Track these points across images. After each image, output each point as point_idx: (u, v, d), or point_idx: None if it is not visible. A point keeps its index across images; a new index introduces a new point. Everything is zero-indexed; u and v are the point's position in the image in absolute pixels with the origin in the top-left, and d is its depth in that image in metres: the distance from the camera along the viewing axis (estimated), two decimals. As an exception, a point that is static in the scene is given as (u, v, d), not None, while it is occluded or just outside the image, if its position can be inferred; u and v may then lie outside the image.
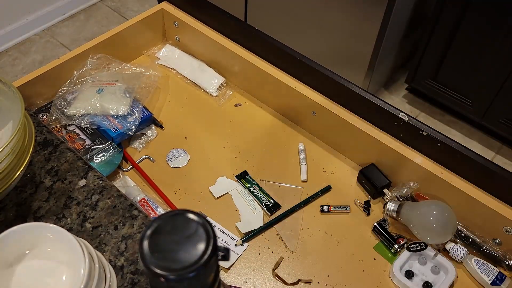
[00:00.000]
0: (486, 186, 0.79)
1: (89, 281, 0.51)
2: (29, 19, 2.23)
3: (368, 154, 0.91)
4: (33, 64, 2.14)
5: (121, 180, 0.90)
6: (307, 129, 0.99)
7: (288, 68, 0.97)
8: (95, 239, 0.70)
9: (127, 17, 2.41)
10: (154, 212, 0.83)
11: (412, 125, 0.83)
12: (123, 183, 0.90)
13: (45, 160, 0.80)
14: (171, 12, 1.09)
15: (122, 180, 0.90)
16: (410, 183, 0.85)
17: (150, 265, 0.44)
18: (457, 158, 0.80)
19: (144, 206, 0.83)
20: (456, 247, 0.79)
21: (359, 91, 0.88)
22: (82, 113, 0.94)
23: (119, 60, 1.04)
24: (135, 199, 0.85)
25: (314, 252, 0.82)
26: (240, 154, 0.95)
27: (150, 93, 1.03)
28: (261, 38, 0.97)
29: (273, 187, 0.90)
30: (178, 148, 0.96)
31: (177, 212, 0.47)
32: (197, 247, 0.45)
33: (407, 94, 2.07)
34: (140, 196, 0.86)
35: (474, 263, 0.78)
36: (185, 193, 0.90)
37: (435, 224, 0.77)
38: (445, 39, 1.68)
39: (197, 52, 1.12)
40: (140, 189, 0.88)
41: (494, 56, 1.60)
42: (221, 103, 1.04)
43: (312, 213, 0.87)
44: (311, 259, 0.81)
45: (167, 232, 0.46)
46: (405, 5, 1.67)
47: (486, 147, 1.89)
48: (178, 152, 0.96)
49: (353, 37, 1.73)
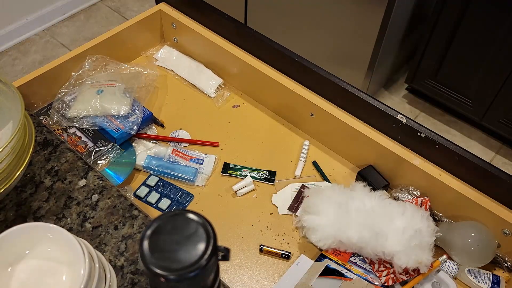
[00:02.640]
0: (484, 188, 0.80)
1: (89, 281, 0.52)
2: (29, 19, 2.24)
3: (366, 155, 0.91)
4: (33, 64, 2.15)
5: (140, 147, 0.94)
6: (305, 130, 0.99)
7: (286, 70, 0.97)
8: (95, 239, 0.71)
9: (127, 17, 2.41)
10: (190, 157, 0.92)
11: (410, 127, 0.83)
12: (143, 148, 0.93)
13: (45, 160, 0.80)
14: (169, 13, 1.10)
15: (141, 146, 0.94)
16: (411, 188, 0.85)
17: (150, 265, 0.44)
18: (455, 159, 0.80)
19: (179, 155, 0.92)
20: (447, 263, 0.79)
21: (357, 93, 0.88)
22: (83, 115, 0.94)
23: (116, 61, 1.04)
24: (168, 151, 0.92)
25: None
26: (237, 155, 0.96)
27: (150, 92, 1.03)
28: (259, 39, 0.98)
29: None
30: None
31: (177, 212, 0.48)
32: (197, 247, 0.45)
33: (407, 94, 2.07)
34: (169, 148, 0.93)
35: (468, 274, 0.77)
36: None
37: (473, 247, 0.76)
38: (445, 39, 1.69)
39: (195, 53, 1.12)
40: (165, 144, 0.96)
41: (494, 56, 1.60)
42: (219, 105, 1.04)
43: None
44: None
45: (167, 232, 0.46)
46: (405, 5, 1.67)
47: (486, 147, 1.89)
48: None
49: (353, 37, 1.73)
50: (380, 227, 0.75)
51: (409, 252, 0.73)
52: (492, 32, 1.56)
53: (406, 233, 0.74)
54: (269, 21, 1.94)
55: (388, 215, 0.77)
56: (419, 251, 0.73)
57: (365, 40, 1.70)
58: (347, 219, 0.77)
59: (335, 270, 0.76)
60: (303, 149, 0.96)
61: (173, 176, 0.90)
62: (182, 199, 0.88)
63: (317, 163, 0.94)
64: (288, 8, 1.83)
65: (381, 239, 0.74)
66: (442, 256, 0.78)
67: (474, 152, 0.83)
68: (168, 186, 0.89)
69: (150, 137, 0.97)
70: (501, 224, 0.78)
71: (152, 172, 0.91)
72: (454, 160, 0.80)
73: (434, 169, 0.83)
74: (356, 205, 0.78)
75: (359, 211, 0.77)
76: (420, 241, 0.73)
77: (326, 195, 0.80)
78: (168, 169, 0.90)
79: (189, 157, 0.93)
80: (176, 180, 0.91)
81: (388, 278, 0.76)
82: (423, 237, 0.74)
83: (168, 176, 0.90)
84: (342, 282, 0.74)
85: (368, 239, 0.75)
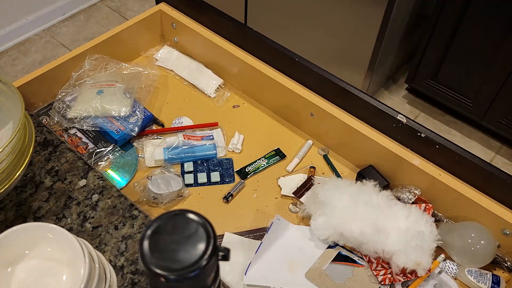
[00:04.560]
0: (484, 188, 0.80)
1: (89, 281, 0.52)
2: (29, 19, 2.24)
3: (366, 155, 0.91)
4: (33, 64, 2.15)
5: (147, 146, 0.94)
6: (305, 130, 0.99)
7: (286, 70, 0.97)
8: (95, 239, 0.71)
9: (127, 17, 2.41)
10: (201, 136, 0.96)
11: (410, 127, 0.83)
12: (151, 146, 0.94)
13: (45, 160, 0.80)
14: (169, 13, 1.10)
15: (147, 145, 0.94)
16: (412, 187, 0.86)
17: (150, 265, 0.44)
18: (455, 160, 0.80)
19: (191, 138, 0.96)
20: (447, 264, 0.79)
21: (357, 93, 0.88)
22: (84, 116, 0.94)
23: (116, 60, 1.04)
24: (180, 138, 0.95)
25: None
26: (237, 155, 0.96)
27: (150, 92, 1.03)
28: (259, 39, 0.98)
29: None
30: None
31: (177, 212, 0.48)
32: (197, 247, 0.45)
33: (407, 94, 2.07)
34: (179, 135, 0.96)
35: (468, 274, 0.77)
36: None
37: (473, 247, 0.76)
38: (445, 39, 1.69)
39: (195, 54, 1.12)
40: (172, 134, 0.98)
41: (494, 56, 1.60)
42: (219, 105, 1.04)
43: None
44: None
45: (167, 232, 0.46)
46: (405, 5, 1.67)
47: (486, 147, 1.89)
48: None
49: (353, 37, 1.73)
50: (383, 225, 0.75)
51: (409, 252, 0.73)
52: (492, 32, 1.56)
53: (408, 234, 0.74)
54: (269, 21, 1.94)
55: (393, 215, 0.77)
56: (419, 252, 0.73)
57: (365, 40, 1.70)
58: (354, 211, 0.77)
59: (347, 256, 0.78)
60: (303, 147, 0.96)
61: (196, 158, 0.94)
62: (224, 165, 0.93)
63: (328, 157, 0.95)
64: (288, 8, 1.83)
65: (382, 236, 0.75)
66: (440, 256, 0.78)
67: (474, 152, 0.83)
68: (204, 163, 0.93)
69: (154, 132, 0.98)
70: (501, 224, 0.78)
71: (175, 162, 0.93)
72: (454, 160, 0.80)
73: (434, 169, 0.83)
74: (365, 199, 0.78)
75: (366, 205, 0.78)
76: (421, 242, 0.73)
77: (340, 184, 0.81)
78: (189, 153, 0.93)
79: (199, 137, 0.97)
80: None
81: (385, 277, 0.76)
82: (425, 240, 0.74)
83: (191, 159, 0.93)
84: (354, 268, 0.76)
85: (369, 235, 0.75)
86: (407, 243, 0.73)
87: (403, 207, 0.78)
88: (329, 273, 0.76)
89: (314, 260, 0.78)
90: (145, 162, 0.92)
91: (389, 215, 0.77)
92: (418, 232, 0.74)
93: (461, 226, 0.80)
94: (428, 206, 0.81)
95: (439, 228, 0.80)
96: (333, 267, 0.77)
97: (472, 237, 0.77)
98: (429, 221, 0.77)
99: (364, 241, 0.76)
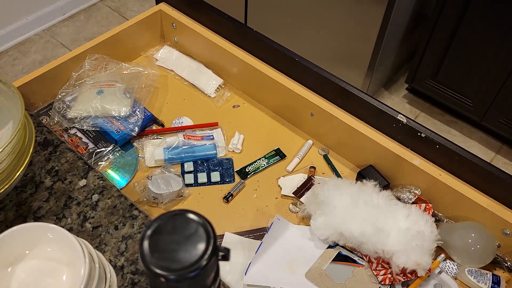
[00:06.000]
0: (484, 188, 0.80)
1: (89, 281, 0.52)
2: (29, 19, 2.24)
3: (366, 155, 0.91)
4: (33, 64, 2.15)
5: (147, 146, 0.94)
6: (305, 130, 0.99)
7: (286, 70, 0.97)
8: (95, 239, 0.71)
9: (127, 17, 2.41)
10: (201, 136, 0.96)
11: (410, 127, 0.83)
12: (151, 146, 0.94)
13: (45, 160, 0.80)
14: (169, 13, 1.10)
15: (147, 145, 0.94)
16: (412, 187, 0.86)
17: (150, 265, 0.44)
18: (455, 159, 0.80)
19: (191, 138, 0.96)
20: (447, 264, 0.79)
21: (357, 93, 0.88)
22: (84, 116, 0.94)
23: (116, 60, 1.04)
24: (180, 138, 0.95)
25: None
26: (237, 155, 0.96)
27: (150, 92, 1.03)
28: (259, 39, 0.98)
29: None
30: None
31: (177, 212, 0.48)
32: (197, 247, 0.45)
33: (407, 94, 2.07)
34: (179, 135, 0.96)
35: (468, 274, 0.77)
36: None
37: (473, 247, 0.76)
38: (445, 39, 1.69)
39: (195, 54, 1.12)
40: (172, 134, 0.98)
41: (494, 56, 1.60)
42: (219, 105, 1.04)
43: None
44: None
45: (167, 232, 0.46)
46: (405, 5, 1.67)
47: (486, 147, 1.89)
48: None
49: (353, 37, 1.73)
50: (383, 225, 0.75)
51: (409, 252, 0.73)
52: (492, 32, 1.56)
53: (408, 233, 0.74)
54: (269, 21, 1.94)
55: (393, 215, 0.77)
56: (420, 253, 0.73)
57: (365, 40, 1.70)
58: (354, 211, 0.77)
59: (347, 256, 0.78)
60: (304, 147, 0.96)
61: (196, 158, 0.93)
62: (224, 165, 0.92)
63: (328, 157, 0.95)
64: (288, 8, 1.83)
65: (382, 236, 0.75)
66: (440, 256, 0.78)
67: (474, 152, 0.83)
68: (204, 163, 0.93)
69: (154, 131, 0.98)
70: (501, 224, 0.78)
71: (175, 162, 0.93)
72: (454, 160, 0.80)
73: (434, 169, 0.83)
74: (365, 199, 0.78)
75: (367, 205, 0.78)
76: (421, 242, 0.73)
77: (340, 184, 0.81)
78: (189, 153, 0.93)
79: (199, 137, 0.97)
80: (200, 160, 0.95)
81: (385, 277, 0.76)
82: (425, 240, 0.74)
83: (192, 159, 0.93)
84: (354, 268, 0.76)
85: (369, 235, 0.75)
86: (407, 243, 0.73)
87: (403, 207, 0.78)
88: (329, 273, 0.76)
89: (314, 260, 0.78)
90: (145, 162, 0.92)
91: (389, 215, 0.77)
92: (418, 232, 0.74)
93: (461, 226, 0.80)
94: (428, 206, 0.81)
95: (439, 228, 0.80)
96: (333, 267, 0.77)
97: (472, 237, 0.77)
98: (429, 221, 0.77)
99: (364, 241, 0.76)
